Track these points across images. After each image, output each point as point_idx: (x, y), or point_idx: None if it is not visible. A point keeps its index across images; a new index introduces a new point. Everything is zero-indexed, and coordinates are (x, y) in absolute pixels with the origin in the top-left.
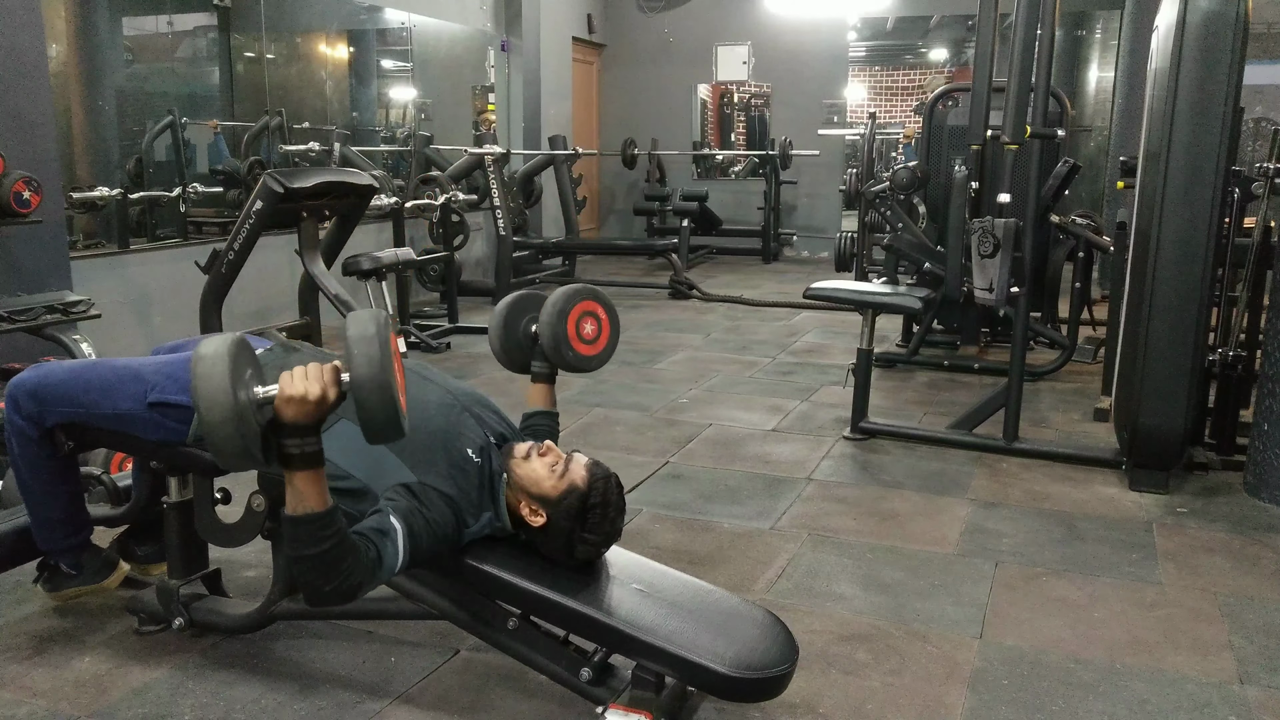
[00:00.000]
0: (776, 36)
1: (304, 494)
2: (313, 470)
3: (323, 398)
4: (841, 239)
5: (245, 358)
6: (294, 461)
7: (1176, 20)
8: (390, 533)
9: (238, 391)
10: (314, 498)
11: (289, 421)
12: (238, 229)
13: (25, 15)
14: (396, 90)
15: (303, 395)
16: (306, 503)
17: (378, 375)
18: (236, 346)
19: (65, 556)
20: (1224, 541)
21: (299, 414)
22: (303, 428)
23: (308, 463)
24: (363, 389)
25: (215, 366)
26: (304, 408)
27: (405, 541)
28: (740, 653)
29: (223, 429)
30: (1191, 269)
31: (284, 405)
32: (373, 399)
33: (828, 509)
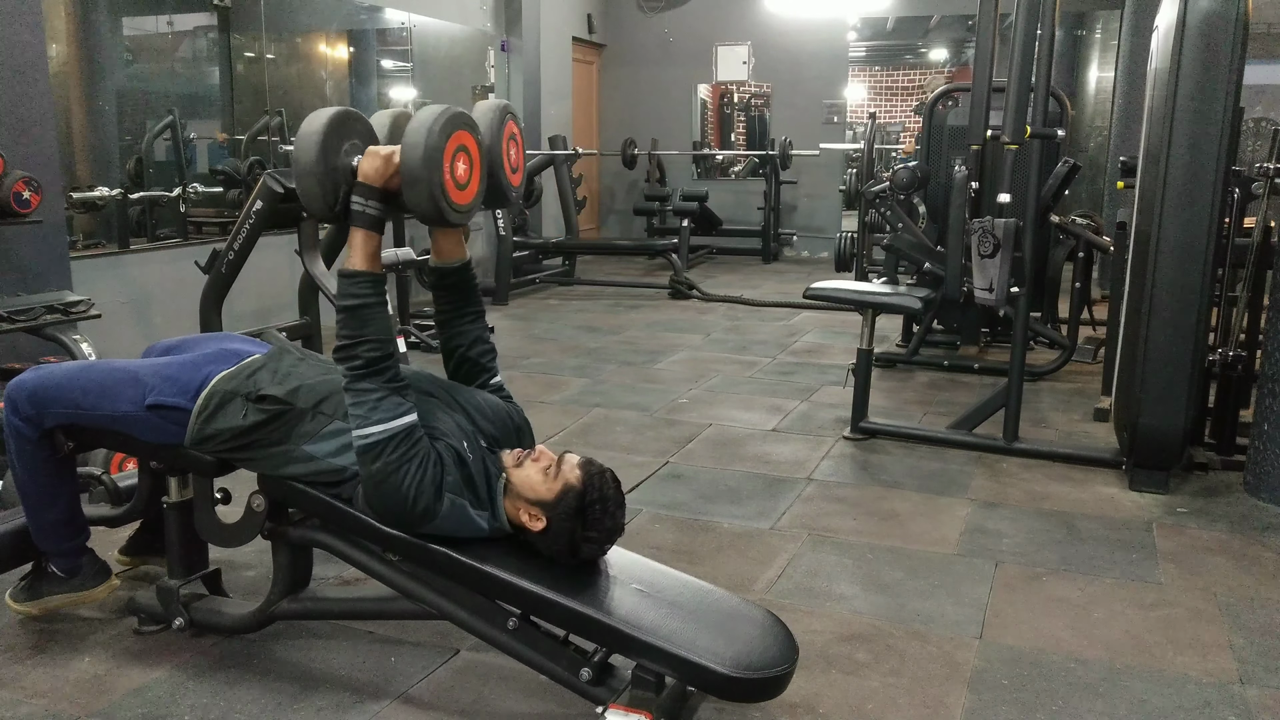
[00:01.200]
0: (776, 36)
1: (356, 251)
2: (368, 231)
3: (391, 155)
4: (841, 239)
5: (350, 127)
6: (355, 218)
7: (1176, 20)
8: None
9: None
10: (360, 258)
11: (362, 178)
12: (238, 229)
13: (25, 15)
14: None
15: (377, 151)
16: (354, 259)
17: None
18: (342, 114)
19: (62, 559)
20: (1224, 541)
21: (371, 168)
22: (370, 189)
23: (366, 222)
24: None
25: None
26: (375, 161)
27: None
28: (740, 653)
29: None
30: (1191, 269)
31: (365, 159)
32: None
33: (828, 509)
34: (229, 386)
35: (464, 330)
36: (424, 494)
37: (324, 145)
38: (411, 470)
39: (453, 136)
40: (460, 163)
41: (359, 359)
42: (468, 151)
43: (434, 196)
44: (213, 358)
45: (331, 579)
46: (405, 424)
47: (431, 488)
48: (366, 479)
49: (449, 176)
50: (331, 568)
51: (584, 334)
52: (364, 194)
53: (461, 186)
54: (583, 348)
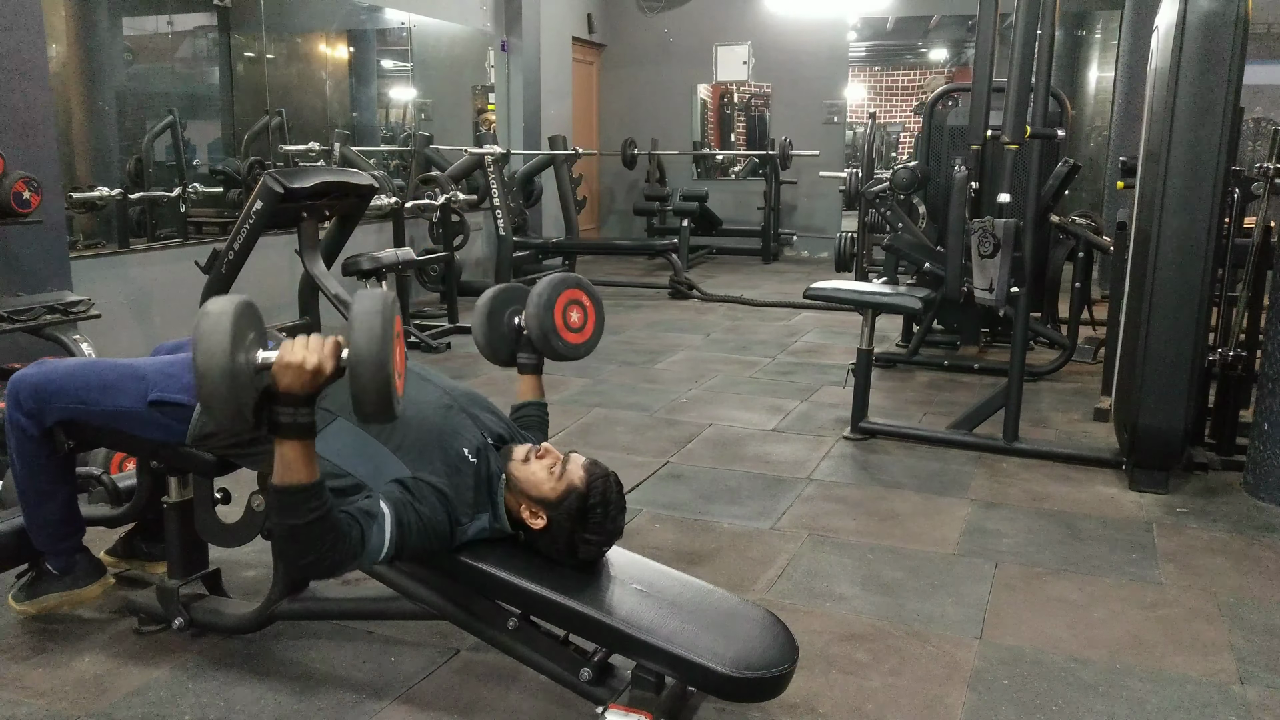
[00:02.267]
0: (776, 36)
1: (292, 464)
2: (302, 441)
3: (319, 368)
4: (841, 239)
5: (250, 321)
6: (285, 430)
7: (1176, 20)
8: (378, 517)
9: (236, 351)
10: (302, 469)
11: (284, 389)
12: (238, 229)
13: (25, 15)
14: (396, 90)
15: (300, 363)
16: (293, 473)
17: (376, 352)
18: (242, 308)
19: (58, 558)
20: (1224, 541)
21: (295, 381)
22: (297, 397)
23: (299, 433)
24: (359, 364)
25: (218, 323)
26: (301, 376)
27: (393, 530)
28: (740, 653)
29: (217, 387)
30: (1191, 269)
31: (281, 371)
32: (368, 377)
33: (828, 509)
34: None
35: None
36: (441, 540)
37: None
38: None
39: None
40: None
41: (326, 557)
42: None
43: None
44: None
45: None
46: (390, 534)
47: (445, 534)
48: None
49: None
50: None
51: None
52: (292, 404)
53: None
54: None
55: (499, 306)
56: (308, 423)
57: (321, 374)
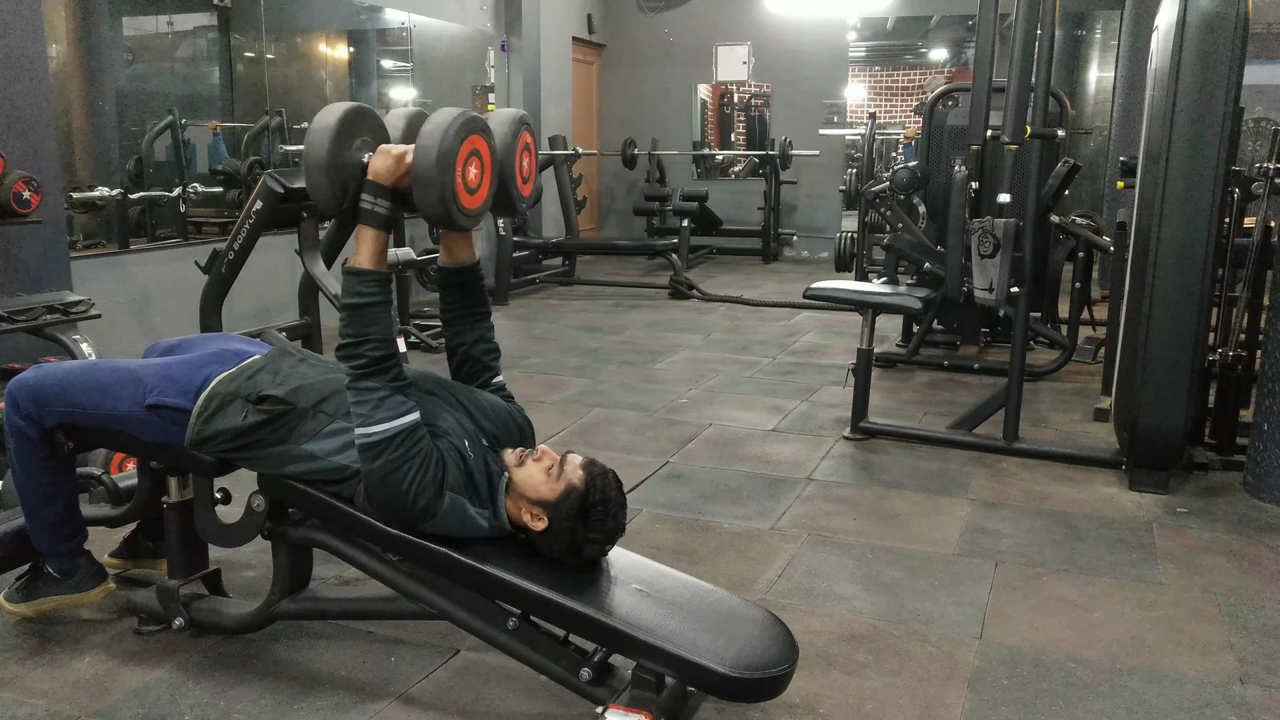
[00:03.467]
0: (776, 36)
1: (364, 248)
2: (375, 230)
3: (403, 155)
4: (841, 239)
5: (361, 123)
6: (364, 215)
7: (1176, 20)
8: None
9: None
10: (368, 256)
11: (372, 173)
12: (238, 229)
13: (25, 15)
14: (396, 90)
15: (389, 149)
16: (361, 256)
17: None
18: (354, 111)
19: (59, 560)
20: (1224, 541)
21: (382, 167)
22: (380, 187)
23: (373, 220)
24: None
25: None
26: (387, 160)
27: (413, 418)
28: (740, 653)
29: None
30: (1191, 269)
31: (376, 157)
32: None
33: (828, 509)
34: (230, 388)
35: (469, 329)
36: (425, 492)
37: (336, 140)
38: (413, 468)
39: (466, 140)
40: (472, 167)
41: (363, 357)
42: (480, 156)
43: (445, 199)
44: (213, 358)
45: (331, 579)
46: (408, 423)
47: (433, 485)
48: (368, 476)
49: (460, 180)
50: (331, 568)
51: (584, 334)
52: (374, 192)
53: (472, 191)
54: (583, 348)
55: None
56: (384, 215)
57: (404, 160)
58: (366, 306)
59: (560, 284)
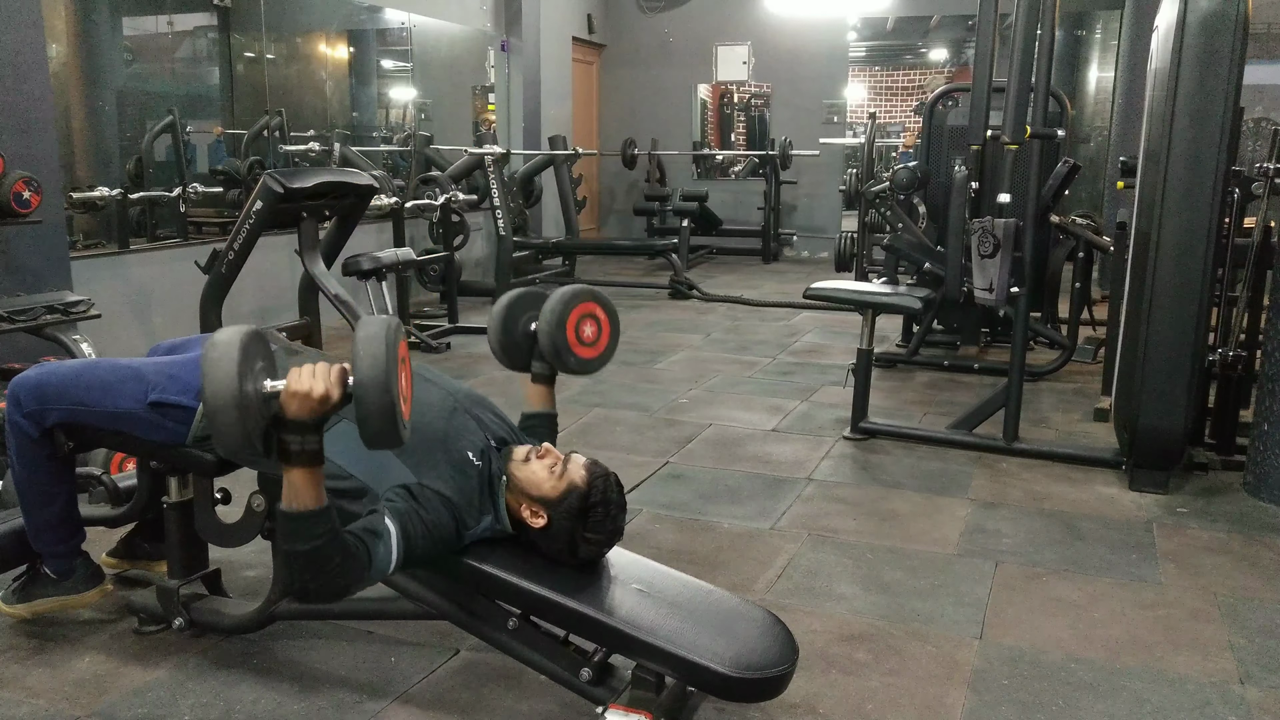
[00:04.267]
0: (776, 36)
1: (300, 490)
2: (310, 468)
3: (326, 396)
4: (841, 239)
5: (257, 350)
6: (293, 458)
7: (1176, 20)
8: (384, 535)
9: (245, 382)
10: (309, 495)
11: (292, 417)
12: (238, 229)
13: (25, 15)
14: (396, 90)
15: (308, 392)
16: (301, 499)
17: (381, 380)
18: (250, 338)
19: (57, 561)
20: (1224, 541)
21: (302, 410)
22: (305, 425)
23: (307, 460)
24: (365, 394)
25: (226, 353)
26: (308, 404)
27: (399, 544)
28: (740, 653)
29: (225, 416)
30: (1191, 269)
31: (289, 400)
32: (374, 405)
33: (828, 509)
34: None
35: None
36: (445, 543)
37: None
38: (432, 546)
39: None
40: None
41: (336, 581)
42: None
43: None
44: None
45: None
46: (396, 550)
47: (452, 538)
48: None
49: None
50: None
51: None
52: (299, 431)
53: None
54: None
55: (515, 311)
56: (315, 449)
57: (328, 401)
58: (325, 545)
59: (560, 284)
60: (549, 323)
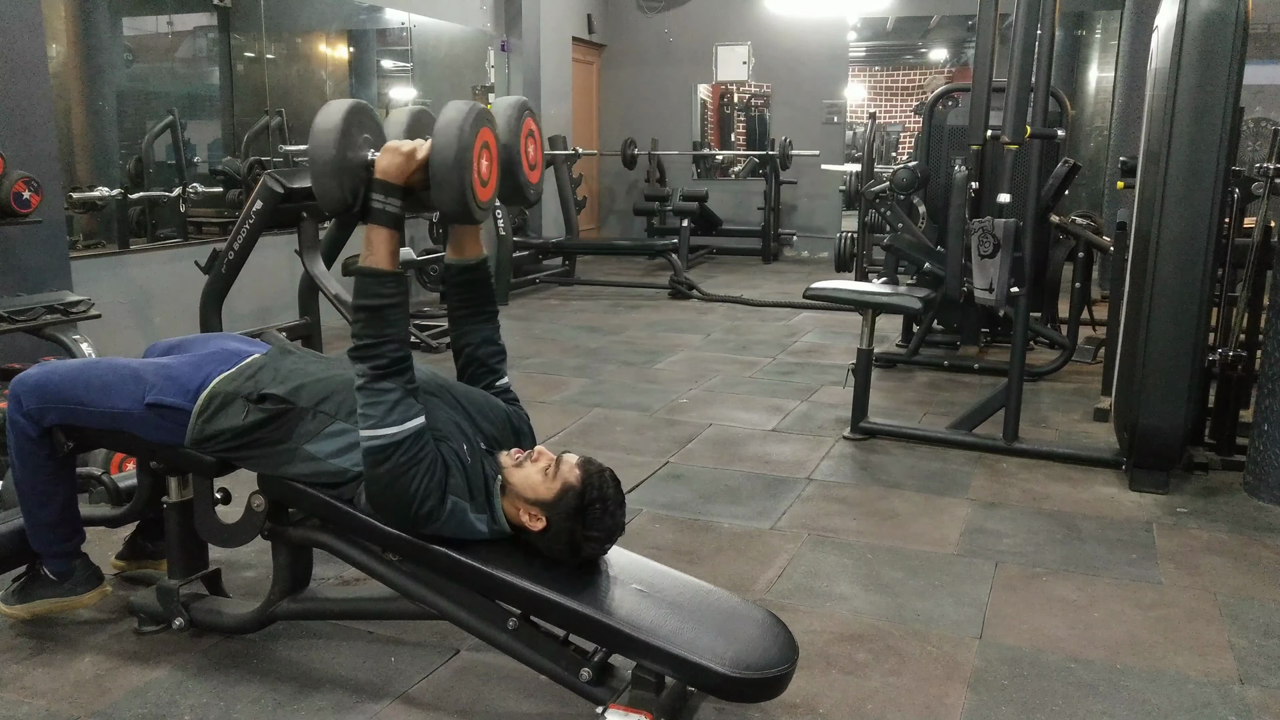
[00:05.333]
0: (776, 36)
1: (377, 249)
2: (388, 230)
3: (413, 152)
4: (841, 239)
5: (363, 121)
6: (375, 215)
7: (1176, 20)
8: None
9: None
10: (382, 255)
11: (381, 171)
12: (238, 229)
13: (25, 15)
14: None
15: (397, 147)
16: (374, 257)
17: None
18: (356, 109)
19: (56, 561)
20: (1224, 541)
21: (390, 165)
22: (390, 186)
23: (385, 219)
24: (438, 157)
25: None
26: (396, 159)
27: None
28: (740, 653)
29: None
30: (1191, 269)
31: (383, 155)
32: (444, 170)
33: (828, 509)
34: (230, 387)
35: (475, 329)
36: (430, 496)
37: (341, 140)
38: (420, 473)
39: (479, 134)
40: (484, 160)
41: (383, 358)
42: (489, 149)
43: (464, 195)
44: (213, 358)
45: (331, 579)
46: (416, 426)
47: (437, 490)
48: (373, 481)
49: (476, 175)
50: (331, 568)
51: (584, 334)
52: (384, 191)
53: (485, 184)
54: (583, 348)
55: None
56: (395, 213)
57: (414, 157)
58: (387, 308)
59: (560, 284)
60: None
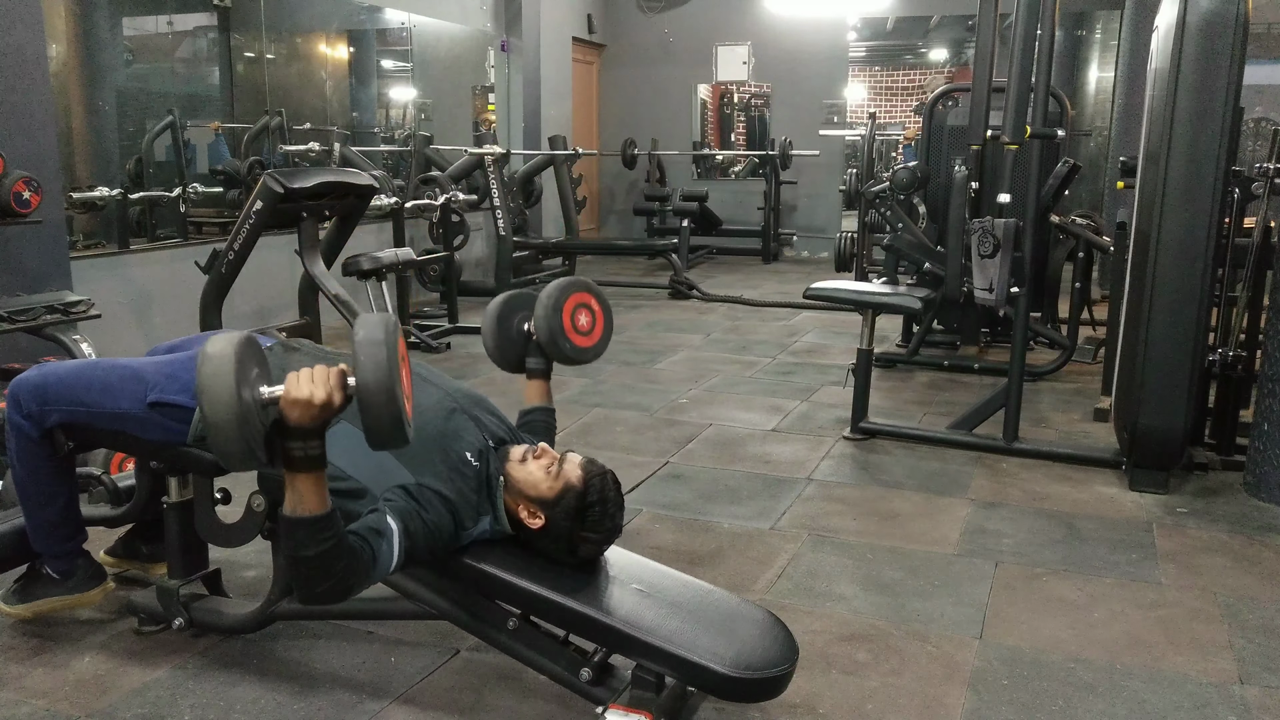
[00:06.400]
0: (776, 36)
1: (304, 496)
2: (314, 473)
3: (328, 402)
4: (841, 239)
5: (252, 357)
6: (296, 464)
7: (1176, 20)
8: (386, 533)
9: (242, 391)
10: (314, 500)
11: (293, 424)
12: (238, 229)
13: (25, 15)
14: (396, 90)
15: (308, 399)
16: (306, 504)
17: (384, 382)
18: (244, 345)
19: (58, 561)
20: (1224, 541)
21: (303, 417)
22: (306, 430)
23: (310, 465)
24: (368, 396)
25: (221, 365)
26: (309, 411)
27: (401, 542)
28: (740, 653)
29: (226, 429)
30: (1191, 269)
31: (289, 407)
32: (378, 406)
33: (828, 509)
34: None
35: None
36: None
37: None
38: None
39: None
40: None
41: (343, 582)
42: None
43: (400, 421)
44: None
45: None
46: (398, 548)
47: (452, 540)
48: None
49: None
50: None
51: None
52: (302, 437)
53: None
54: None
55: (509, 312)
56: (318, 454)
57: (330, 407)
58: (332, 549)
59: None
60: (546, 312)
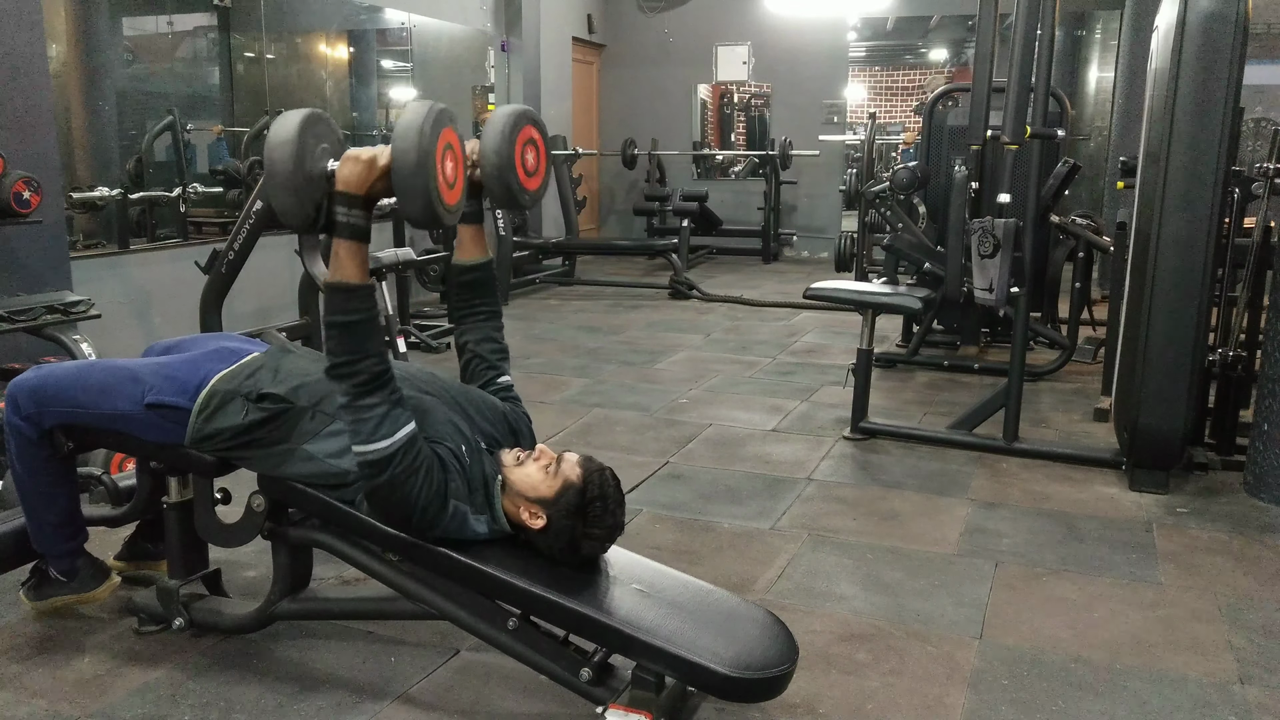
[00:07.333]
0: (776, 36)
1: (344, 263)
2: (355, 242)
3: (373, 159)
4: (841, 239)
5: (320, 131)
6: (340, 229)
7: (1176, 20)
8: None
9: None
10: (351, 269)
11: (343, 181)
12: (238, 229)
13: (25, 15)
14: (396, 90)
15: (357, 155)
16: (344, 271)
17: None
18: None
19: (60, 561)
20: (1224, 541)
21: (351, 174)
22: (354, 198)
23: (353, 233)
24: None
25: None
26: (356, 168)
27: (412, 432)
28: (740, 653)
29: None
30: (1191, 269)
31: (342, 164)
32: (407, 172)
33: (828, 509)
34: (229, 386)
35: (477, 327)
36: (431, 503)
37: (299, 153)
38: (418, 481)
39: (441, 135)
40: (449, 161)
41: (362, 374)
42: (453, 149)
43: (430, 202)
44: (212, 356)
45: (331, 579)
46: (407, 435)
47: (438, 497)
48: (373, 490)
49: (441, 178)
50: (331, 568)
51: (584, 334)
52: (346, 203)
53: (451, 186)
54: (583, 348)
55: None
56: (361, 224)
57: (375, 164)
58: (360, 323)
59: (560, 284)
60: (498, 138)
